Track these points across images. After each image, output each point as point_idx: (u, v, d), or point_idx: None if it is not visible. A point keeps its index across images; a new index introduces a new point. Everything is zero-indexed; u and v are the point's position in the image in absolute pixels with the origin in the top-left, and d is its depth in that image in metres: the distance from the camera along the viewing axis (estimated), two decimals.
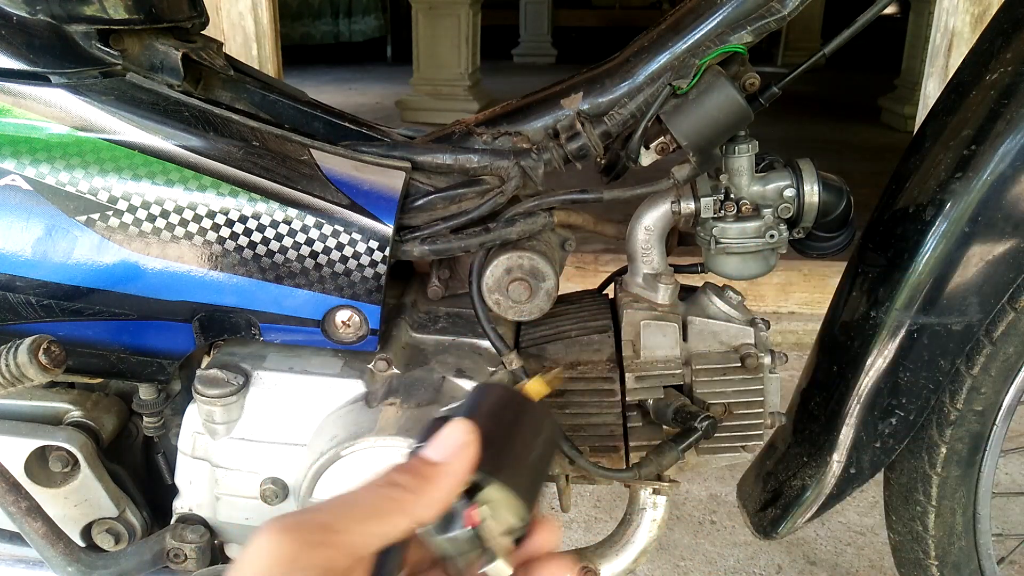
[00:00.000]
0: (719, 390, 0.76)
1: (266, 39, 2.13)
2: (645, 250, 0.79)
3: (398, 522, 0.36)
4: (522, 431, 0.42)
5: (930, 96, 2.07)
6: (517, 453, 0.41)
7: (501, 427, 0.41)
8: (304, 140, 0.71)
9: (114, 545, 0.79)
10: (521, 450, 0.41)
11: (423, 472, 0.37)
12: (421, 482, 0.37)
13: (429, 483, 0.37)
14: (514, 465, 0.40)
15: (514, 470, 0.40)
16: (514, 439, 0.42)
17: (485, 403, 0.43)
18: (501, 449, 0.40)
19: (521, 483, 0.40)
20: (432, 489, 0.37)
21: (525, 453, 0.42)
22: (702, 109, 0.70)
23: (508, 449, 0.41)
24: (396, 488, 0.36)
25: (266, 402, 0.71)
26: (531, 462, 0.42)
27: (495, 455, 0.40)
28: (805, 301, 2.15)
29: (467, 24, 4.50)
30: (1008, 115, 0.73)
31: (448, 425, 0.39)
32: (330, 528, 0.34)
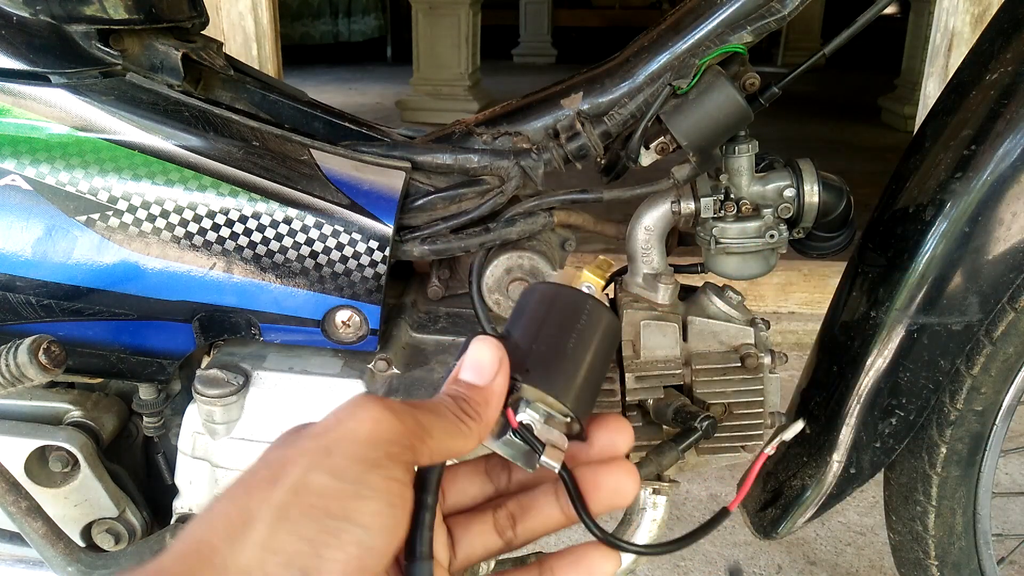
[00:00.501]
0: (719, 390, 0.76)
1: (266, 39, 2.13)
2: (645, 250, 0.79)
3: (467, 443, 0.38)
4: (556, 326, 0.43)
5: (930, 96, 2.07)
6: (549, 349, 0.42)
7: (533, 327, 0.43)
8: (304, 140, 0.71)
9: (114, 545, 0.79)
10: (555, 345, 0.42)
11: (474, 397, 0.40)
12: (477, 407, 0.39)
13: (481, 407, 0.40)
14: (546, 362, 0.41)
15: (546, 367, 0.41)
16: (546, 336, 0.42)
17: (527, 305, 0.44)
18: (529, 350, 0.42)
19: (557, 377, 0.41)
20: (486, 411, 0.40)
21: (560, 347, 0.42)
22: (702, 109, 0.70)
23: (538, 347, 0.42)
24: (464, 414, 0.39)
25: (266, 402, 0.71)
26: (569, 354, 0.42)
27: (523, 356, 0.41)
28: (805, 301, 2.15)
29: (467, 24, 4.50)
30: (1008, 115, 0.73)
31: (472, 345, 0.41)
32: (426, 431, 0.36)
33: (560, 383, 0.41)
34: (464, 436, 0.38)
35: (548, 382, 0.41)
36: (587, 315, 0.43)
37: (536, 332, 0.42)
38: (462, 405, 0.39)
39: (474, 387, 0.40)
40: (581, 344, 0.43)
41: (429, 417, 0.37)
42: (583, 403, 0.42)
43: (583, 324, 0.43)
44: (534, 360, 0.42)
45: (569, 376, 0.42)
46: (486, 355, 0.40)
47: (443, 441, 0.37)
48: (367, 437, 0.34)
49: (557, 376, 0.41)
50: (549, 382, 0.41)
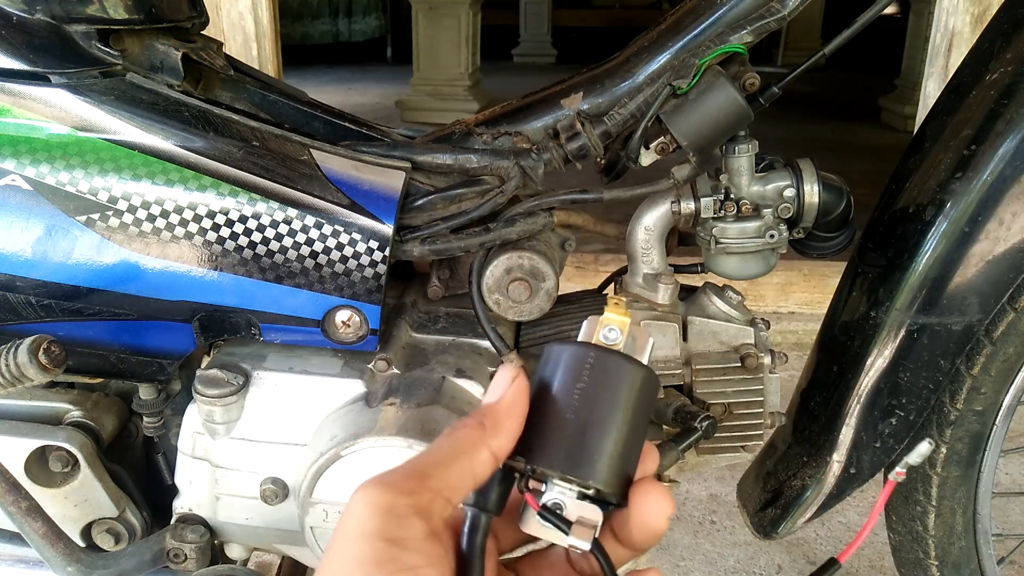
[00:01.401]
0: (719, 390, 0.76)
1: (266, 39, 2.13)
2: (645, 250, 0.79)
3: (481, 456, 0.36)
4: (587, 398, 0.38)
5: (930, 96, 2.07)
6: (578, 422, 0.37)
7: (561, 399, 0.38)
8: (304, 140, 0.71)
9: (114, 545, 0.79)
10: (586, 418, 0.37)
11: (488, 412, 0.38)
12: (490, 419, 0.37)
13: (496, 416, 0.37)
14: (574, 439, 0.37)
15: (575, 444, 0.37)
16: (575, 409, 0.38)
17: (546, 368, 0.40)
18: (536, 428, 0.38)
19: (586, 455, 0.37)
20: (502, 421, 0.37)
21: (591, 420, 0.37)
22: (702, 109, 0.70)
23: (548, 425, 0.38)
24: (469, 428, 0.37)
25: (266, 402, 0.71)
26: (601, 425, 0.37)
27: (530, 437, 0.38)
28: (805, 301, 2.15)
29: (467, 24, 4.50)
30: (1008, 115, 0.73)
31: (498, 372, 0.39)
32: (422, 474, 0.34)
33: (589, 462, 0.37)
34: (473, 450, 0.36)
35: (575, 463, 0.37)
36: (624, 377, 0.38)
37: (564, 406, 0.38)
38: (457, 424, 0.37)
39: (489, 404, 0.38)
40: (614, 410, 0.38)
41: (425, 459, 0.35)
42: (618, 477, 0.38)
43: (616, 387, 0.38)
44: (544, 440, 0.37)
45: (602, 451, 0.37)
46: (501, 376, 0.38)
47: (451, 467, 0.35)
48: (368, 519, 0.32)
49: (586, 454, 0.37)
50: (576, 463, 0.37)
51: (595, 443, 0.37)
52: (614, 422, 0.38)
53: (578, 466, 0.37)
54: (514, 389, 0.38)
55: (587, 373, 0.38)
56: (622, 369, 0.38)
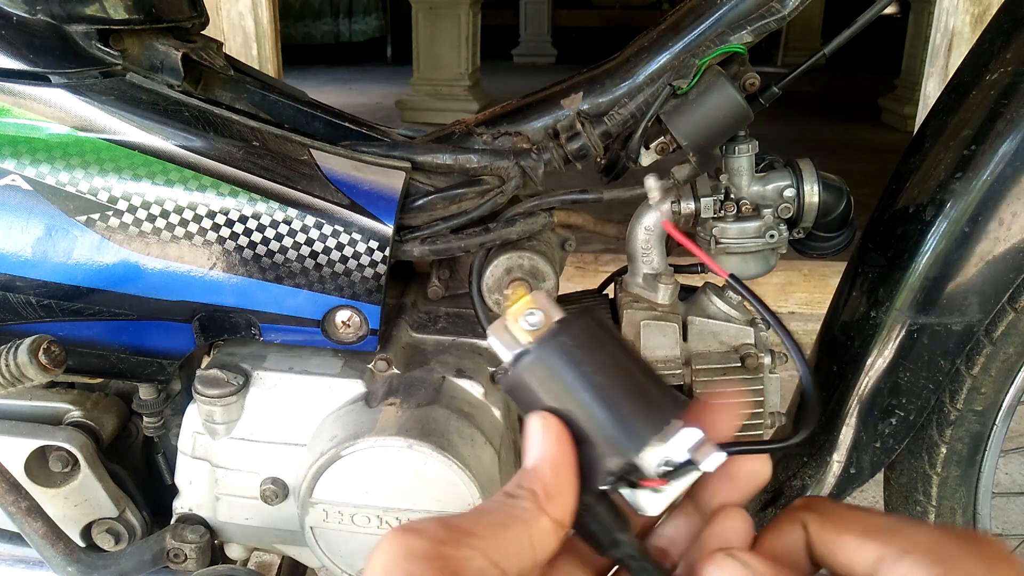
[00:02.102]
0: (719, 390, 0.76)
1: (266, 39, 2.13)
2: (645, 250, 0.79)
3: (541, 526, 0.33)
4: (564, 394, 0.36)
5: (930, 96, 2.07)
6: (588, 421, 0.35)
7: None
8: (304, 140, 0.71)
9: (114, 545, 0.79)
10: (588, 412, 0.35)
11: (536, 478, 0.35)
12: (540, 484, 0.34)
13: (545, 481, 0.35)
14: (602, 439, 0.35)
15: (606, 442, 0.35)
16: (575, 414, 0.36)
17: (528, 399, 0.37)
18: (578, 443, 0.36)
19: (621, 431, 0.35)
20: (552, 483, 0.35)
21: (591, 408, 0.35)
22: (702, 109, 0.70)
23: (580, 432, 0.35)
24: (526, 499, 0.34)
25: (266, 402, 0.71)
26: (601, 402, 0.35)
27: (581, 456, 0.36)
28: (805, 301, 2.15)
29: (467, 24, 4.51)
30: (1008, 115, 0.73)
31: (526, 425, 0.36)
32: (463, 530, 0.32)
33: (632, 429, 0.35)
34: (525, 523, 0.33)
35: (629, 438, 0.35)
36: (573, 343, 0.36)
37: (574, 409, 0.36)
38: (511, 491, 0.34)
39: (529, 470, 0.35)
40: (602, 370, 0.36)
41: (470, 517, 0.33)
42: (639, 427, 0.35)
43: (579, 354, 0.36)
44: (601, 430, 0.35)
45: (633, 407, 0.35)
46: (533, 429, 0.35)
47: (498, 535, 0.32)
48: (395, 563, 0.30)
49: (626, 422, 0.35)
50: (629, 437, 0.35)
51: (621, 405, 0.35)
52: (615, 378, 0.36)
53: (632, 438, 0.35)
54: (552, 441, 0.35)
55: (552, 370, 0.36)
56: (564, 337, 0.36)
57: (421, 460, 0.64)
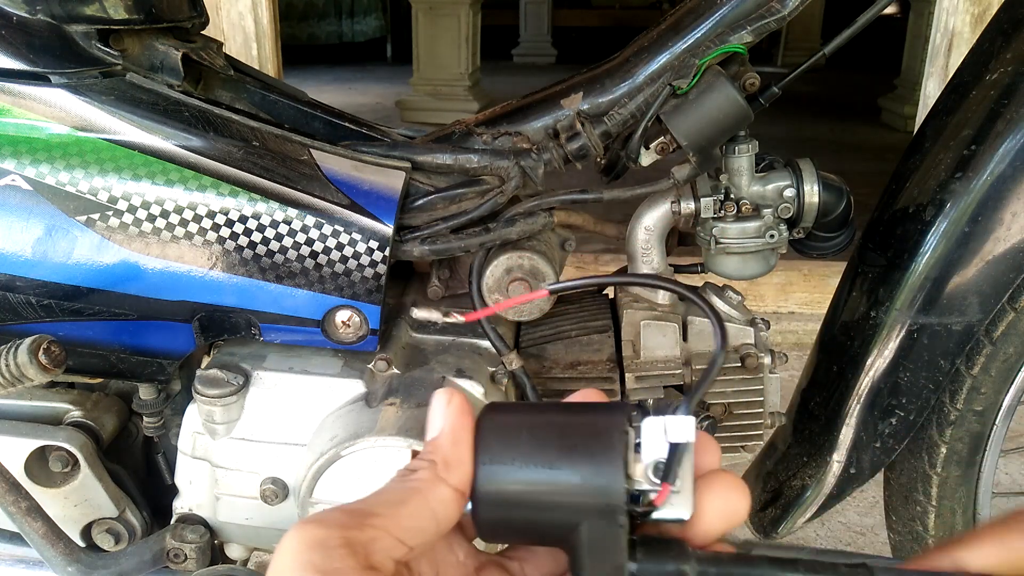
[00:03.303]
0: (719, 390, 0.76)
1: (266, 39, 2.13)
2: (645, 250, 0.79)
3: (439, 494, 0.34)
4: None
5: (930, 96, 2.07)
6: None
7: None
8: (304, 140, 0.71)
9: (114, 545, 0.79)
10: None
11: (434, 448, 0.35)
12: (439, 455, 0.35)
13: (443, 451, 0.35)
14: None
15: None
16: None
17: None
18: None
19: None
20: (450, 453, 0.35)
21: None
22: (702, 109, 0.70)
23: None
24: (422, 469, 0.35)
25: (266, 402, 0.71)
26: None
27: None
28: (805, 301, 2.15)
29: (467, 24, 4.50)
30: (1008, 115, 0.73)
31: (431, 401, 0.37)
32: (364, 512, 0.32)
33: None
34: (422, 492, 0.34)
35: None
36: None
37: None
38: (409, 466, 0.35)
39: (428, 442, 0.36)
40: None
41: (370, 499, 0.33)
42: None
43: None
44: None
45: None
46: (436, 403, 0.36)
47: (398, 511, 0.33)
48: (286, 568, 0.30)
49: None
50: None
51: (573, 461, 0.34)
52: (552, 449, 0.35)
53: (608, 477, 0.34)
54: (453, 414, 0.36)
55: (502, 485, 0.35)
56: (486, 454, 0.35)
57: None
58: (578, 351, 0.78)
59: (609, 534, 0.33)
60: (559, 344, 0.78)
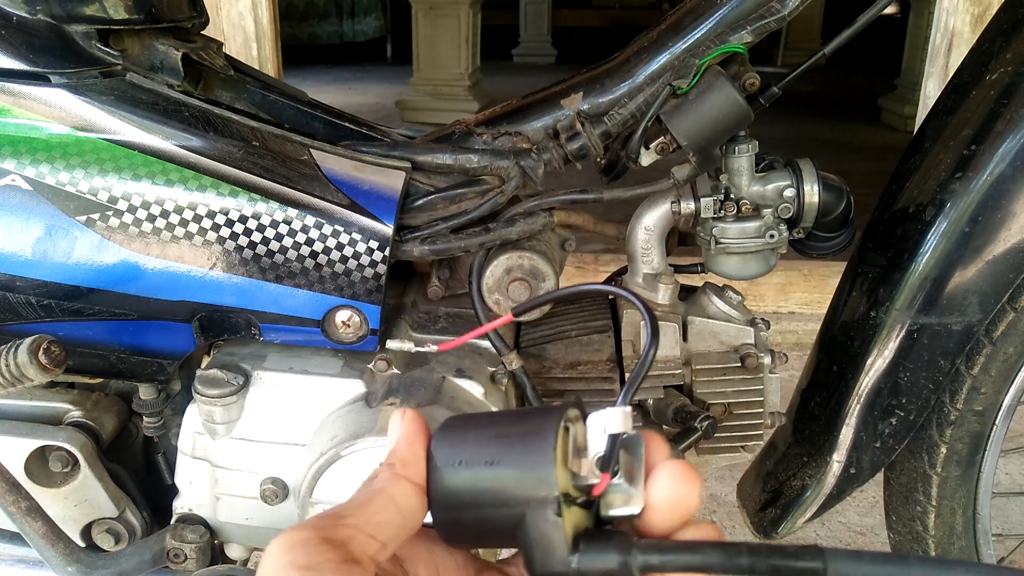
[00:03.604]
0: (719, 390, 0.76)
1: (266, 39, 2.13)
2: (645, 250, 0.79)
3: (400, 489, 0.36)
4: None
5: (930, 96, 2.07)
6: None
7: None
8: (304, 140, 0.71)
9: (114, 545, 0.79)
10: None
11: (392, 453, 0.39)
12: (396, 457, 0.38)
13: (401, 454, 0.38)
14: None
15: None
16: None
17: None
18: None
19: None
20: (406, 454, 0.38)
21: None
22: (702, 109, 0.70)
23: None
24: (381, 470, 0.38)
25: (266, 402, 0.71)
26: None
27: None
28: (805, 301, 2.15)
29: (467, 24, 4.50)
30: (1008, 115, 0.73)
31: (390, 421, 0.40)
32: (337, 515, 0.34)
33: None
34: (384, 490, 0.36)
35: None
36: None
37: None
38: (371, 473, 0.38)
39: (389, 451, 0.39)
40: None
41: (342, 504, 0.36)
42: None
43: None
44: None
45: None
46: (393, 421, 0.40)
47: (365, 509, 0.35)
48: (271, 570, 0.32)
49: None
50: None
51: (511, 453, 0.36)
52: (494, 443, 0.37)
53: (540, 466, 0.35)
54: (406, 423, 0.39)
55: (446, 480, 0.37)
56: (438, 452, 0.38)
57: None
58: (578, 351, 0.78)
59: (550, 527, 0.34)
60: (559, 344, 0.78)
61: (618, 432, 0.35)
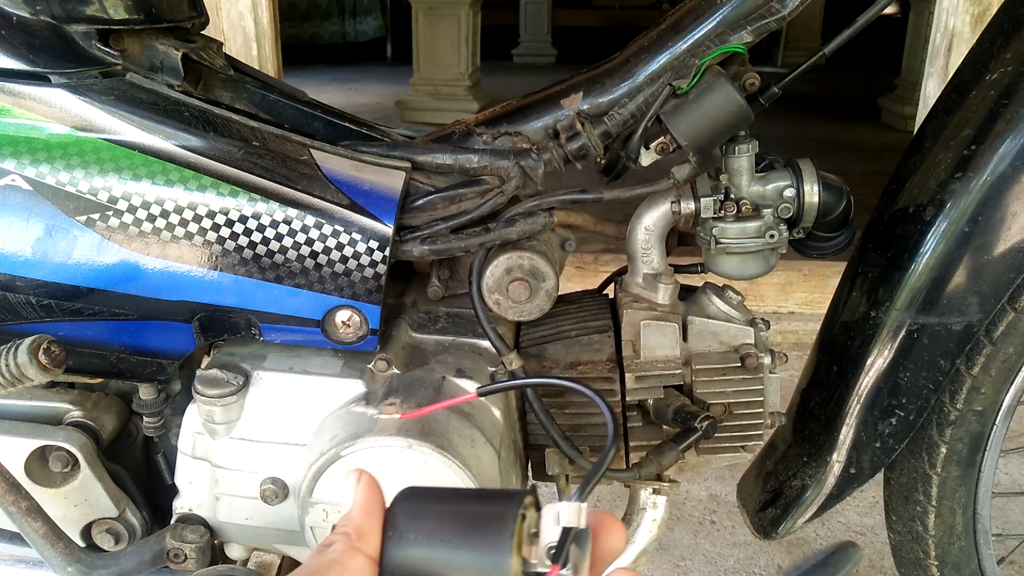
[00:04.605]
0: (719, 390, 0.76)
1: (266, 39, 2.13)
2: (645, 250, 0.79)
3: (354, 563, 0.37)
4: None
5: (930, 96, 2.07)
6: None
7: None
8: (304, 140, 0.71)
9: (114, 545, 0.79)
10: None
11: (347, 521, 0.39)
12: (351, 526, 0.39)
13: (356, 523, 0.39)
14: None
15: None
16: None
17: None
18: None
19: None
20: (362, 524, 0.39)
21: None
22: (702, 109, 0.70)
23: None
24: (337, 542, 0.38)
25: (266, 402, 0.71)
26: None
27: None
28: (805, 301, 2.15)
29: (467, 24, 4.50)
30: (1008, 115, 0.73)
31: (344, 480, 0.41)
32: None
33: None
34: (339, 562, 0.37)
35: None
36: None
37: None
38: (325, 541, 0.39)
39: (343, 516, 0.40)
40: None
41: (297, 573, 0.37)
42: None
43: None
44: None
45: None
46: (348, 482, 0.41)
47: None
48: None
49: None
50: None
51: (468, 541, 0.38)
52: (452, 528, 0.38)
53: (497, 554, 0.37)
54: (363, 490, 0.40)
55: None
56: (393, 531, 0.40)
57: (421, 460, 0.64)
58: (578, 351, 0.78)
59: None
60: (559, 344, 0.78)
61: (571, 526, 0.37)
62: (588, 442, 0.77)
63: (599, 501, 1.49)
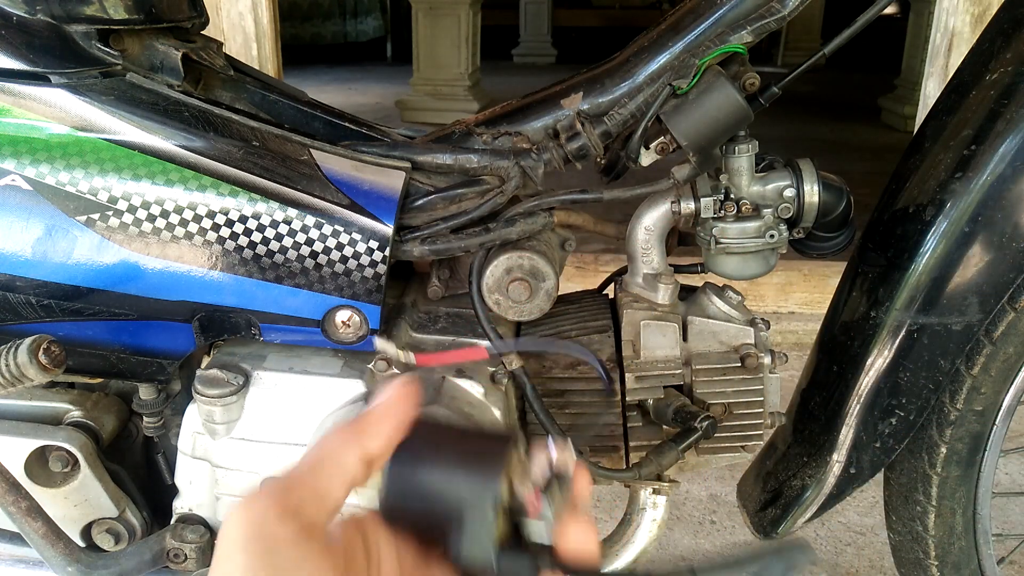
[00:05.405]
0: (719, 390, 0.76)
1: (266, 39, 2.13)
2: (645, 250, 0.79)
3: (348, 457, 0.38)
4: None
5: (930, 96, 2.07)
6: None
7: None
8: (304, 140, 0.71)
9: (114, 545, 0.79)
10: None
11: (360, 417, 0.40)
12: (361, 423, 0.40)
13: (367, 421, 0.40)
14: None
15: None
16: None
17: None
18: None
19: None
20: (373, 424, 0.40)
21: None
22: (702, 109, 0.70)
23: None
24: (336, 433, 0.39)
25: (266, 402, 0.71)
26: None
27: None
28: (805, 301, 2.15)
29: (467, 24, 4.50)
30: (1008, 115, 0.73)
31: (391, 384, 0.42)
32: (288, 482, 0.36)
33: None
34: (333, 457, 0.38)
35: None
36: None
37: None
38: (327, 433, 0.40)
39: (361, 413, 0.41)
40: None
41: (290, 469, 0.37)
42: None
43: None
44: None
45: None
46: (390, 385, 0.42)
47: (314, 475, 0.37)
48: (229, 544, 0.34)
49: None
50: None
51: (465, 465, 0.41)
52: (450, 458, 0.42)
53: (488, 479, 0.40)
54: (394, 394, 0.41)
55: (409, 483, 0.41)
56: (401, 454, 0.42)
57: None
58: None
59: (484, 525, 0.39)
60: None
61: (559, 470, 0.41)
62: (588, 442, 0.77)
63: (599, 500, 1.49)
